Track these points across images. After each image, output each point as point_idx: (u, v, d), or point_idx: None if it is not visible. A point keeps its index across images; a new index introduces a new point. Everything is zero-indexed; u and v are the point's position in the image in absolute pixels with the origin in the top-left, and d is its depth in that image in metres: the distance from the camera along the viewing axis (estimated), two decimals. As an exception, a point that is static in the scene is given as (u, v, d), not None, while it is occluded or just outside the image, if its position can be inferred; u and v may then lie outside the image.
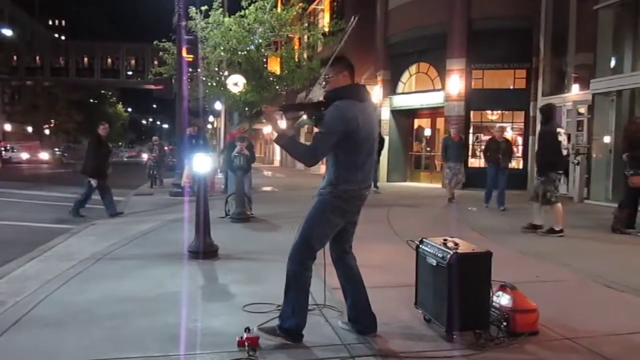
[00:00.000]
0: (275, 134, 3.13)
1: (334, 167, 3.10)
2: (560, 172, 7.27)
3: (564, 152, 7.35)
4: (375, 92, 18.70)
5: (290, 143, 3.14)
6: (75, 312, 3.70)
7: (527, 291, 3.50)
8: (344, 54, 3.49)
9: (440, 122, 16.97)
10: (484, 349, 3.08)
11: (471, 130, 16.10)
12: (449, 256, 3.13)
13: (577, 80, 13.11)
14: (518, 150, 15.17)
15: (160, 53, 15.17)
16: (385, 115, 18.13)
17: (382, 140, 13.75)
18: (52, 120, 53.49)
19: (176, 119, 12.82)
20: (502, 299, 3.37)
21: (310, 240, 3.12)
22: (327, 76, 3.24)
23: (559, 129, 7.38)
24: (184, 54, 11.98)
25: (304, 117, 6.98)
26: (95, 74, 55.67)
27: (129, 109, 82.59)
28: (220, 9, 14.19)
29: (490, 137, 11.35)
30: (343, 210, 3.12)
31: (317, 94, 3.46)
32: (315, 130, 3.19)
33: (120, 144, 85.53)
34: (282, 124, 3.16)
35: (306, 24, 21.74)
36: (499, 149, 10.20)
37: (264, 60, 16.04)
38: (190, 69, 12.70)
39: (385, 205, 10.21)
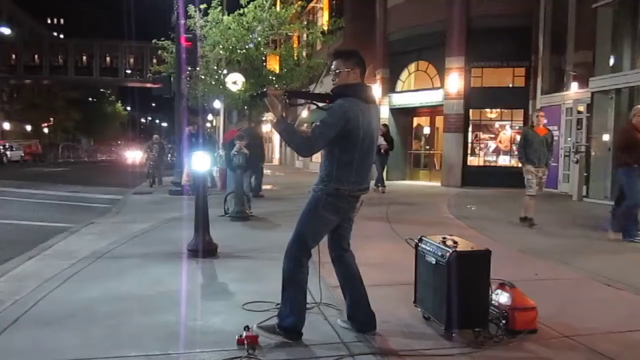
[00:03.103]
0: (275, 119, 3.09)
1: (327, 163, 3.09)
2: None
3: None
4: (374, 91, 18.64)
5: (288, 130, 3.08)
6: (74, 311, 3.70)
7: (526, 289, 3.50)
8: (357, 50, 3.41)
9: (439, 121, 16.97)
10: (483, 346, 3.08)
11: (470, 129, 16.10)
12: (448, 254, 3.13)
13: (576, 79, 13.11)
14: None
15: (159, 52, 15.16)
16: (384, 113, 18.10)
17: (392, 141, 13.53)
18: (51, 119, 53.48)
19: (175, 118, 12.80)
20: (501, 297, 3.37)
21: (305, 238, 3.11)
22: (337, 70, 3.18)
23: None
24: (183, 41, 11.91)
25: (304, 115, 6.95)
26: (94, 73, 55.44)
27: (128, 108, 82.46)
28: (219, 7, 14.17)
29: (625, 126, 6.97)
30: (336, 206, 3.10)
31: (327, 87, 3.39)
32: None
33: (119, 142, 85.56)
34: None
35: (305, 22, 21.76)
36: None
37: (263, 58, 16.02)
38: (189, 68, 12.66)
39: (384, 204, 10.19)
